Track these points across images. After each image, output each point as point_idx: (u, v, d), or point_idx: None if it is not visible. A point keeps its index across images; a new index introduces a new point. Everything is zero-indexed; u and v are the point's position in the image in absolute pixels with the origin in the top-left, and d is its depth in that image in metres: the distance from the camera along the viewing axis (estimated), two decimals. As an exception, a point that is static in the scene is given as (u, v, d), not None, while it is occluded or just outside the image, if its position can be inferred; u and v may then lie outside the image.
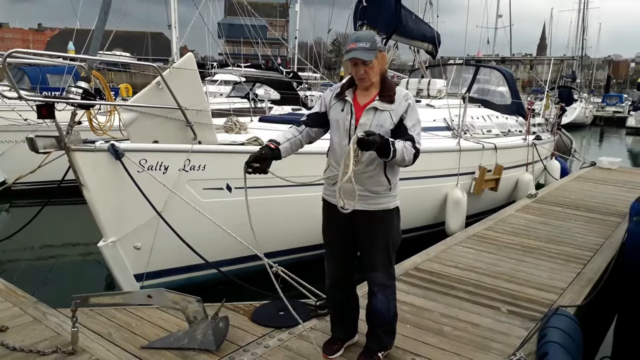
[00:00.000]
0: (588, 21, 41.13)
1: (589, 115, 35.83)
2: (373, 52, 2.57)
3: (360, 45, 2.56)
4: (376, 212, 2.70)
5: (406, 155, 2.58)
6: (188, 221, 4.41)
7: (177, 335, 3.10)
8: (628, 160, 19.06)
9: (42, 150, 3.96)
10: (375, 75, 2.64)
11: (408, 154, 2.58)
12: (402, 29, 8.44)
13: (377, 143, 2.45)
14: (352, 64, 2.62)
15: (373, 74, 2.62)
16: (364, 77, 2.61)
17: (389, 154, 2.52)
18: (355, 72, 2.63)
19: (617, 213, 6.70)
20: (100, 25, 4.18)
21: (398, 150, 2.54)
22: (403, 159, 2.58)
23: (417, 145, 2.63)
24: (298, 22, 27.06)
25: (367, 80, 2.63)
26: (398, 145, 2.55)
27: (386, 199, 2.71)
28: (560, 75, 16.80)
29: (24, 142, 4.02)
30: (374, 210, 2.70)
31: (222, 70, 15.44)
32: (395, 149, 2.53)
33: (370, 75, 2.61)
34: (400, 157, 2.56)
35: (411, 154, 2.60)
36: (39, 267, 6.19)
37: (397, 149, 2.54)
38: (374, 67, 2.61)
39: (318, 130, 2.86)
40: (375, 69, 2.61)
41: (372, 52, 2.57)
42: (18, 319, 3.32)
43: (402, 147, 2.56)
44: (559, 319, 3.17)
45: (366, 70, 2.59)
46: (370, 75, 2.61)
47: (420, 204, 6.57)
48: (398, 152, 2.54)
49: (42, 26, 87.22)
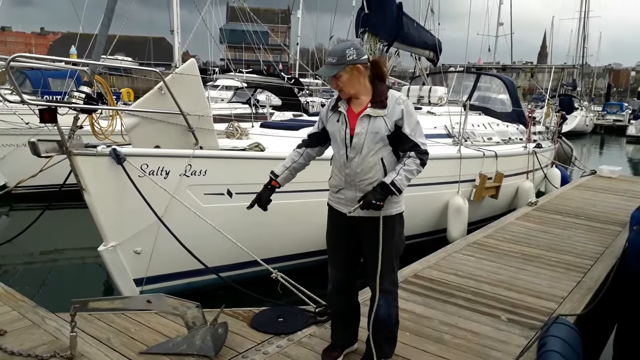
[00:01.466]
0: (589, 30, 41.22)
1: (590, 123, 35.88)
2: (338, 67, 2.62)
3: (328, 61, 2.66)
4: (378, 218, 2.71)
5: (412, 175, 2.65)
6: (188, 226, 4.41)
7: (176, 341, 3.09)
8: (628, 168, 19.06)
9: (44, 154, 3.96)
10: (351, 87, 2.67)
11: (414, 172, 2.66)
12: (403, 36, 8.47)
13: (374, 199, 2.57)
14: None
15: (347, 86, 2.67)
16: (338, 89, 2.71)
17: (397, 192, 2.63)
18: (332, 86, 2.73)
19: (618, 222, 6.70)
20: (103, 30, 4.20)
21: (401, 185, 2.62)
22: (413, 177, 2.67)
23: (422, 149, 2.67)
24: (300, 29, 27.24)
25: (343, 93, 2.70)
26: (399, 180, 2.61)
27: (389, 205, 2.71)
28: (561, 83, 16.85)
29: (25, 146, 4.03)
30: (376, 216, 2.70)
31: (223, 75, 15.53)
32: (398, 187, 2.61)
33: (343, 87, 2.67)
34: (409, 181, 2.65)
35: (417, 165, 2.65)
36: (39, 271, 6.18)
37: (400, 184, 2.62)
38: (345, 80, 2.65)
39: (319, 148, 3.00)
40: (347, 81, 2.65)
41: (337, 67, 2.62)
42: (17, 323, 3.32)
43: (404, 177, 2.63)
44: (558, 327, 3.16)
45: (337, 83, 2.67)
46: (344, 87, 2.67)
47: (422, 211, 6.57)
48: (402, 186, 2.63)
49: (44, 30, 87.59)
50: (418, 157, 2.64)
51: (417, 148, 2.64)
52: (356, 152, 2.65)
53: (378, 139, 2.62)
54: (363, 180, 2.67)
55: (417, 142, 2.65)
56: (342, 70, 2.62)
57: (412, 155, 2.64)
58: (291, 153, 3.01)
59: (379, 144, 2.64)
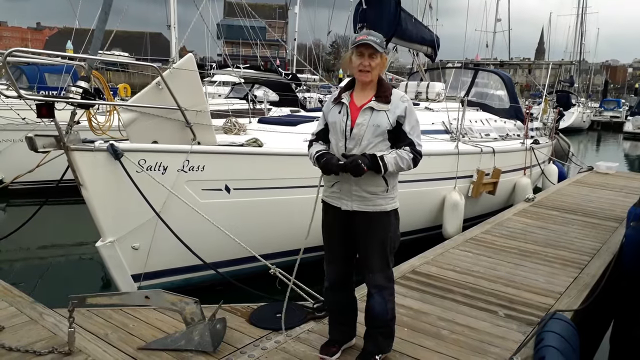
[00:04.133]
0: (586, 26, 41.18)
1: (587, 120, 35.92)
2: (382, 48, 2.66)
3: (371, 38, 2.64)
4: (373, 213, 2.72)
5: (402, 163, 2.64)
6: (186, 222, 4.41)
7: (174, 337, 3.09)
8: (625, 165, 19.12)
9: (41, 149, 3.95)
10: (376, 73, 2.70)
11: (405, 162, 2.65)
12: (401, 32, 8.45)
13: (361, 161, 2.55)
14: (358, 55, 2.67)
15: (375, 70, 2.68)
16: (366, 69, 2.66)
17: (379, 169, 2.60)
18: (359, 63, 2.67)
19: (615, 218, 6.72)
20: (100, 25, 4.18)
21: (389, 163, 2.61)
22: (400, 168, 2.66)
23: (417, 148, 2.69)
24: (297, 24, 27.13)
25: (368, 75, 2.68)
26: (389, 158, 2.61)
27: (384, 201, 2.73)
28: (559, 79, 16.85)
29: (22, 141, 4.01)
30: (371, 211, 2.72)
31: (221, 71, 15.47)
32: (386, 163, 2.59)
33: (373, 69, 2.67)
34: (394, 168, 2.63)
35: (410, 159, 2.65)
36: (36, 267, 6.17)
37: (388, 162, 2.60)
38: (377, 64, 2.68)
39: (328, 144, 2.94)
40: (377, 66, 2.68)
41: (381, 48, 2.66)
42: (14, 319, 3.32)
43: (394, 158, 2.62)
44: (556, 323, 3.18)
45: (370, 63, 2.65)
46: (373, 70, 2.67)
47: (418, 207, 6.58)
48: (390, 165, 2.61)
49: (40, 25, 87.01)
50: (412, 151, 2.67)
51: (414, 146, 2.68)
52: (355, 143, 2.66)
53: (379, 133, 2.64)
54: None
55: (414, 140, 2.69)
56: (380, 54, 2.67)
57: (406, 149, 2.67)
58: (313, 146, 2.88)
59: (379, 138, 2.65)
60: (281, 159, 5.10)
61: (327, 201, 2.86)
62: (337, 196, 2.78)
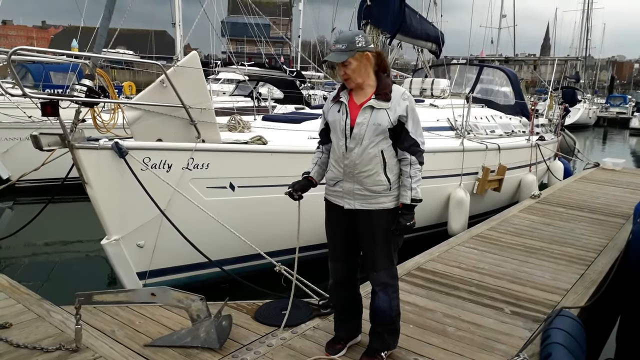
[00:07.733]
0: (592, 21, 40.99)
1: (593, 116, 35.74)
2: (348, 53, 2.60)
3: (336, 48, 2.62)
4: (377, 211, 2.71)
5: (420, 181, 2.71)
6: (191, 219, 4.42)
7: (180, 334, 3.10)
8: (631, 161, 19.02)
9: (46, 147, 3.97)
10: (358, 76, 2.65)
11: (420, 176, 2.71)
12: (406, 28, 8.42)
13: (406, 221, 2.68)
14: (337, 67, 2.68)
15: (355, 74, 2.64)
16: (345, 77, 2.66)
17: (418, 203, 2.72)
18: (341, 73, 2.67)
19: (621, 214, 6.68)
20: (105, 23, 4.19)
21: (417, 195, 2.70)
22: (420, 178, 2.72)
23: (421, 148, 2.70)
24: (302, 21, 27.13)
25: (350, 81, 2.67)
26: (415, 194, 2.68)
27: (387, 199, 2.72)
28: (564, 75, 16.76)
29: (28, 140, 4.03)
30: (374, 209, 2.71)
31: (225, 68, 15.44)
32: (418, 199, 2.70)
33: (351, 75, 2.64)
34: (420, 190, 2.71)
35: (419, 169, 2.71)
36: (43, 264, 6.20)
37: (417, 195, 2.69)
38: (354, 68, 2.62)
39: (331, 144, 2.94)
40: (356, 69, 2.63)
41: (347, 53, 2.60)
42: (22, 316, 3.33)
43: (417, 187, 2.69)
44: (562, 320, 3.16)
45: (345, 71, 2.63)
46: (352, 75, 2.64)
47: (423, 204, 6.46)
48: (418, 195, 2.70)
49: (45, 23, 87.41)
50: (418, 160, 2.68)
51: (417, 147, 2.66)
52: (356, 143, 2.64)
53: (379, 131, 2.61)
54: (362, 172, 2.67)
55: (418, 140, 2.67)
56: (352, 57, 2.60)
57: (413, 162, 2.67)
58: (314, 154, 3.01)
59: (380, 136, 2.63)
60: (286, 156, 5.10)
61: (330, 200, 2.86)
62: (340, 195, 2.77)
